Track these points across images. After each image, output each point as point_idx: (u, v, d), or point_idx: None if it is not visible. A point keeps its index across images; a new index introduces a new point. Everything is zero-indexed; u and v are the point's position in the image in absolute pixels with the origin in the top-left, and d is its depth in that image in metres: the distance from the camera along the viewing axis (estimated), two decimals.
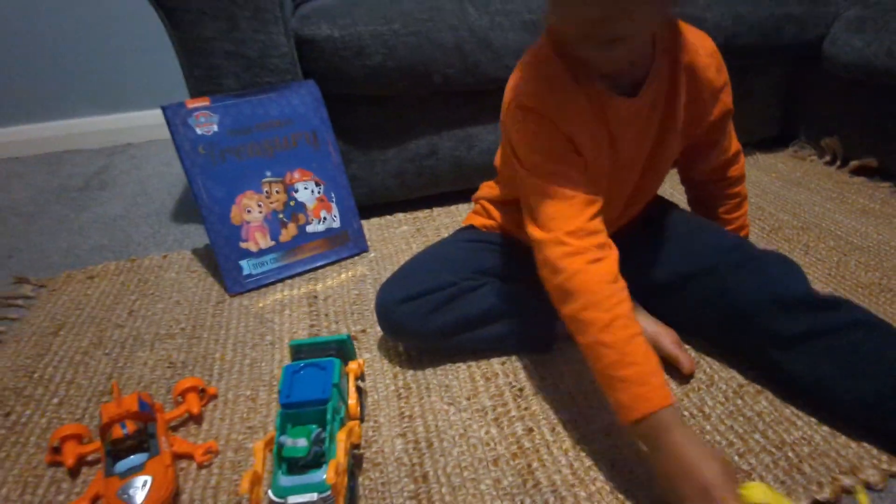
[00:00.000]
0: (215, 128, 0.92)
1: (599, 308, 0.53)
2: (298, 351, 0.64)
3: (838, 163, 1.23)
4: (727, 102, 0.68)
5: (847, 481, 0.54)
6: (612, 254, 0.57)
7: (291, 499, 0.49)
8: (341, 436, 0.53)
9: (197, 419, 0.67)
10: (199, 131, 0.90)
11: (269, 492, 0.50)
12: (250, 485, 0.48)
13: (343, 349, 0.65)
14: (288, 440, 0.51)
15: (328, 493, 0.49)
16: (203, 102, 0.91)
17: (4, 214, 1.33)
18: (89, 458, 0.62)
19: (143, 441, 0.58)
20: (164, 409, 0.68)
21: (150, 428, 0.60)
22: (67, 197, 1.43)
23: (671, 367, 0.69)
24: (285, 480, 0.50)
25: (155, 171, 1.58)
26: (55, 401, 0.73)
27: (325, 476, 0.50)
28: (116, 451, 0.57)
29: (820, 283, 0.86)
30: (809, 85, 1.26)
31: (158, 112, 0.91)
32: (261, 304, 0.91)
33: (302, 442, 0.51)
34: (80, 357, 0.81)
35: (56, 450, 0.61)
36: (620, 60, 0.55)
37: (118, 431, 0.57)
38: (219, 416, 0.69)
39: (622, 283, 0.55)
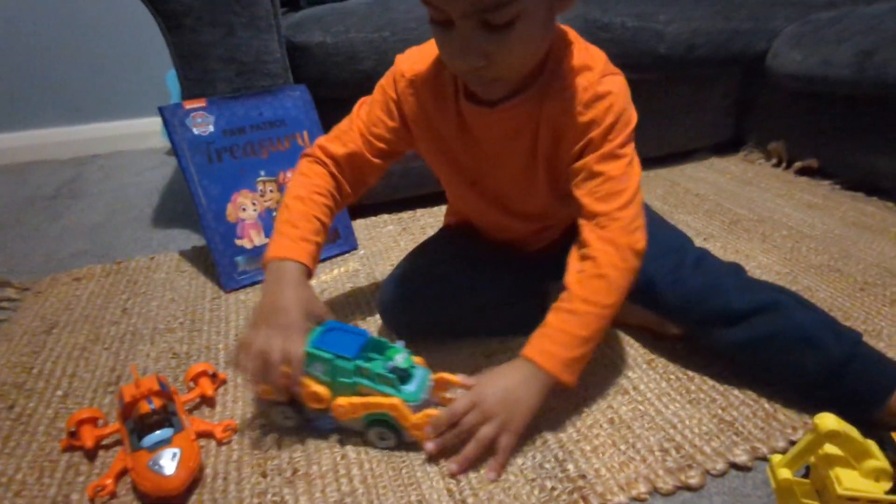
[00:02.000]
0: (211, 128, 0.94)
1: (301, 185, 0.69)
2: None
3: (784, 164, 1.36)
4: (586, 139, 0.60)
5: None
6: (335, 176, 0.71)
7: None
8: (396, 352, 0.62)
9: (210, 402, 0.69)
10: (195, 131, 0.93)
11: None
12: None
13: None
14: (398, 358, 0.59)
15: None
16: (199, 104, 0.93)
17: None
18: (105, 441, 0.63)
19: (165, 419, 0.59)
20: (178, 393, 0.69)
21: (171, 407, 0.62)
22: (39, 206, 1.40)
23: (654, 340, 0.76)
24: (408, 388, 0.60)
25: (128, 180, 1.57)
26: (59, 393, 0.73)
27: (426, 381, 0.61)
28: (140, 427, 0.58)
29: (778, 265, 0.95)
30: (757, 94, 1.39)
31: (126, 123, 0.94)
32: (257, 300, 0.93)
33: (404, 355, 0.60)
34: (78, 352, 0.81)
35: (73, 434, 0.62)
36: (496, 92, 0.59)
37: (145, 407, 0.58)
38: (231, 399, 0.70)
39: (327, 193, 0.69)
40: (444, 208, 1.23)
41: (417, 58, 0.67)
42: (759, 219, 1.13)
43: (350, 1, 1.12)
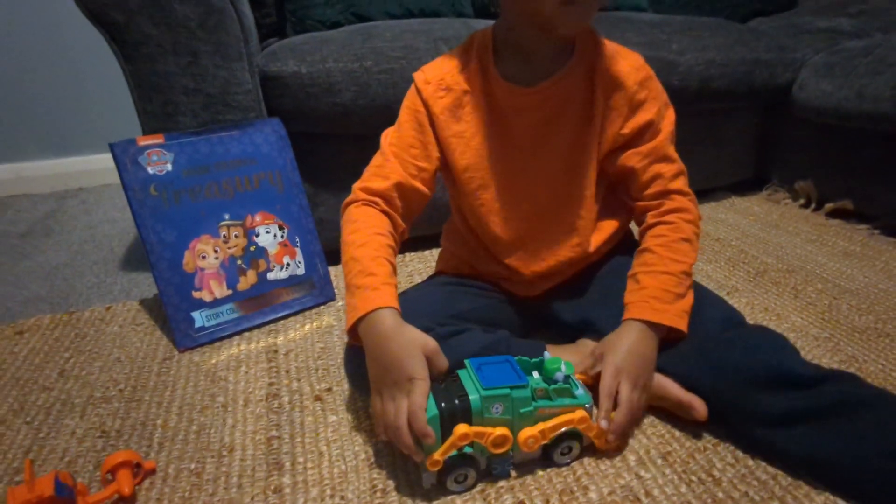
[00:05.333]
0: (169, 167, 0.84)
1: (358, 232, 0.62)
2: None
3: (813, 205, 1.23)
4: (645, 120, 0.64)
5: None
6: (387, 213, 0.65)
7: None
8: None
9: (129, 501, 0.57)
10: (150, 170, 0.83)
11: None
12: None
13: None
14: (563, 368, 0.57)
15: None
16: (156, 140, 0.84)
17: None
18: None
19: None
20: (89, 489, 0.57)
21: None
22: (7, 244, 1.31)
23: (678, 419, 0.62)
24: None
25: (106, 216, 1.48)
26: None
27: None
28: None
29: (815, 328, 0.82)
30: (781, 129, 1.27)
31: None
32: (213, 361, 0.81)
33: (561, 364, 0.57)
34: None
35: None
36: (588, 20, 0.59)
37: None
38: (155, 497, 0.58)
39: (387, 233, 0.63)
40: (434, 252, 1.12)
41: (433, 66, 0.67)
42: (790, 269, 1.00)
43: (333, 30, 1.03)
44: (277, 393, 0.73)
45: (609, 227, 0.72)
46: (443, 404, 0.53)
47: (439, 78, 0.65)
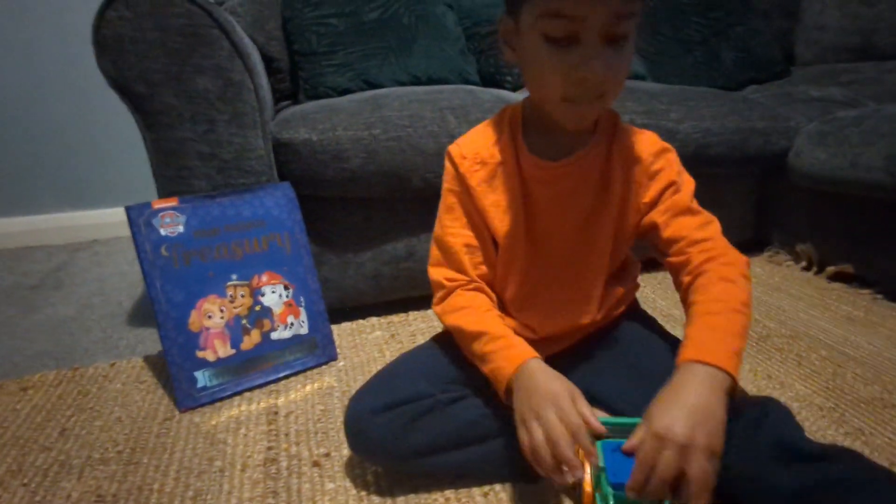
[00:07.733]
0: (181, 229, 0.87)
1: (473, 315, 0.66)
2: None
3: (815, 269, 1.24)
4: (663, 185, 0.65)
5: None
6: (484, 290, 0.69)
7: None
8: None
9: None
10: (163, 232, 0.86)
11: None
12: None
13: None
14: None
15: None
16: (170, 203, 0.87)
17: None
18: None
19: None
20: None
21: None
22: (18, 296, 1.33)
23: None
24: None
25: (117, 269, 1.51)
26: None
27: None
28: None
29: (819, 397, 0.81)
30: (780, 193, 1.29)
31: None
32: (213, 422, 0.81)
33: None
34: None
35: None
36: (589, 118, 0.62)
37: None
38: None
39: (493, 307, 0.68)
40: None
41: (468, 140, 0.70)
42: (793, 334, 0.99)
43: (343, 98, 1.08)
44: (276, 458, 0.73)
45: (617, 294, 0.74)
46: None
47: (475, 152, 0.68)
